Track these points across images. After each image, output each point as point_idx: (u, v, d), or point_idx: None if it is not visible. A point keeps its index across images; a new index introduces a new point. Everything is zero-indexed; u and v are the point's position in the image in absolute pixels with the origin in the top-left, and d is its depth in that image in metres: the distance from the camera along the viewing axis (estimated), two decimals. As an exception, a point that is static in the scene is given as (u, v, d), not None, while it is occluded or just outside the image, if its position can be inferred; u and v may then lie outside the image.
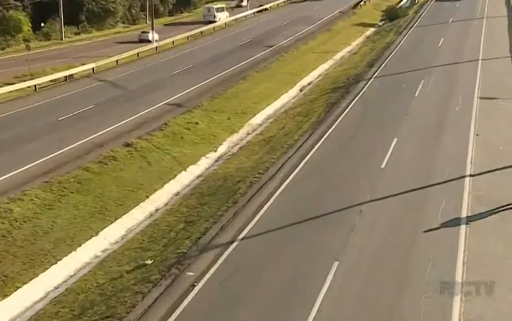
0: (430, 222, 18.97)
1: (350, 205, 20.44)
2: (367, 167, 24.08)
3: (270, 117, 34.47)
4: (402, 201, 20.85)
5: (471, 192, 21.32)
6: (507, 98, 33.85)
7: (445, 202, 20.38)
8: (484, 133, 27.87)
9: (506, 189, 21.24)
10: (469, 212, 19.74)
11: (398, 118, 30.60)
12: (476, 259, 16.75)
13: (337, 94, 36.44)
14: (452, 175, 22.85)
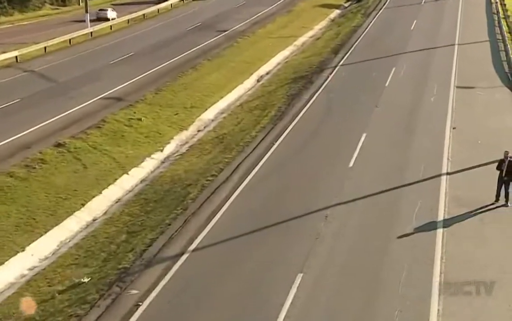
0: (404, 226, 19.34)
1: (314, 210, 20.63)
2: (333, 166, 24.37)
3: (224, 111, 34.46)
4: (372, 203, 21.19)
5: (448, 192, 21.86)
6: (486, 87, 35.00)
7: (420, 203, 20.83)
8: (461, 126, 28.60)
9: (486, 188, 21.84)
10: (446, 214, 20.24)
11: (367, 110, 31.10)
12: (455, 267, 17.19)
13: (299, 85, 36.76)
14: (427, 173, 23.37)
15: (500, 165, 20.84)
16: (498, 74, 37.17)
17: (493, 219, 19.95)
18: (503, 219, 19.95)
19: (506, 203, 20.67)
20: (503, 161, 20.81)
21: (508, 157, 20.73)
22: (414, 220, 19.72)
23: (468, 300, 15.85)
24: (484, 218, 20.02)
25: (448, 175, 23.37)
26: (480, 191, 21.87)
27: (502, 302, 15.76)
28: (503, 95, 33.56)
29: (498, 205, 20.69)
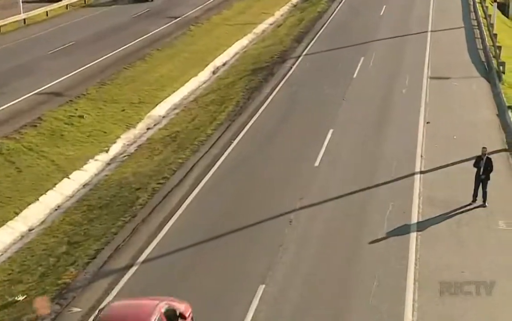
0: (375, 231, 19.58)
1: (277, 214, 20.73)
2: (298, 165, 24.49)
3: (176, 107, 34.29)
4: (340, 206, 21.39)
5: (422, 192, 22.21)
6: (461, 77, 35.70)
7: (392, 205, 21.12)
8: (436, 120, 29.08)
9: (462, 187, 22.30)
10: (420, 216, 20.58)
11: (333, 105, 31.34)
12: (430, 274, 17.46)
13: (259, 77, 36.84)
14: (399, 172, 23.69)
15: (477, 162, 21.29)
16: (474, 64, 37.95)
17: (470, 220, 20.37)
18: (481, 220, 20.39)
19: (484, 203, 21.12)
20: (480, 157, 21.26)
21: (485, 154, 21.21)
22: (386, 224, 19.98)
23: (444, 309, 16.11)
24: (460, 220, 20.41)
25: (422, 173, 23.72)
26: (456, 190, 22.29)
27: (481, 309, 16.09)
28: (480, 86, 34.28)
29: (475, 206, 21.13)
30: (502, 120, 29.13)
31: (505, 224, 20.14)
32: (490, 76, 35.41)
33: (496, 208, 21.10)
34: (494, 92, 33.05)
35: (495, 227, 20.00)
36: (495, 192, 21.75)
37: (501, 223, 20.23)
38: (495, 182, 21.86)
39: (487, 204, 21.10)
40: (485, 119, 29.53)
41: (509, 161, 24.95)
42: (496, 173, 22.05)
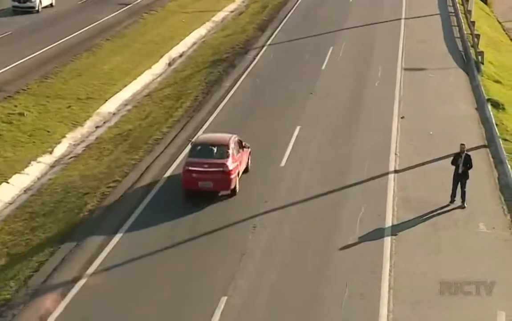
0: (346, 236, 19.67)
1: (240, 219, 20.69)
2: (262, 166, 24.48)
3: (128, 103, 34.00)
4: (309, 210, 21.45)
5: (396, 193, 22.42)
6: (438, 68, 36.19)
7: (365, 208, 21.26)
8: (411, 115, 29.38)
9: (439, 187, 22.56)
10: (395, 220, 20.77)
11: (301, 99, 31.45)
12: (405, 281, 17.60)
13: (219, 70, 36.76)
14: (372, 172, 23.86)
15: (456, 159, 21.55)
16: (451, 53, 38.50)
17: (448, 223, 20.61)
18: (460, 223, 20.65)
19: (463, 204, 21.38)
20: (459, 155, 21.52)
21: (464, 151, 21.49)
22: (358, 228, 20.10)
23: (421, 319, 16.24)
24: (438, 223, 20.64)
25: (396, 173, 23.94)
26: (433, 191, 22.54)
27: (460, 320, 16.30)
28: (458, 78, 34.79)
29: (453, 207, 21.39)
30: (481, 114, 29.58)
31: (486, 226, 20.42)
32: (468, 67, 35.96)
33: (476, 209, 21.39)
34: (473, 84, 33.56)
35: (475, 230, 20.27)
36: (475, 192, 22.05)
37: (482, 225, 20.50)
38: (474, 181, 22.17)
39: (466, 205, 21.35)
40: (463, 114, 29.96)
41: (489, 158, 25.35)
42: (475, 171, 22.35)
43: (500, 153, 25.09)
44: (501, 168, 24.14)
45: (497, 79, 35.74)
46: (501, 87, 34.85)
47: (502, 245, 19.51)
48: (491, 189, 22.97)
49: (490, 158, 25.30)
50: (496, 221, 20.79)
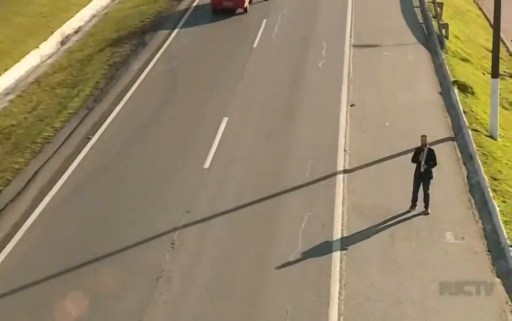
0: (286, 252, 19.56)
1: (154, 235, 20.48)
2: (182, 169, 24.38)
3: (10, 92, 33.27)
4: (240, 221, 21.34)
5: (346, 198, 22.48)
6: (394, 44, 36.55)
7: (308, 217, 21.25)
8: (362, 102, 29.59)
9: (397, 190, 22.71)
10: (345, 231, 20.76)
11: (228, 84, 31.41)
12: (358, 308, 17.60)
13: (126, 49, 36.49)
14: (316, 173, 23.88)
15: (417, 155, 21.64)
16: (410, 27, 38.89)
17: (409, 233, 20.68)
18: (422, 233, 20.74)
19: (426, 209, 21.53)
20: (420, 149, 21.63)
21: (426, 145, 21.60)
22: (300, 242, 20.04)
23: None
24: (395, 234, 20.68)
25: (346, 173, 24.03)
26: (390, 194, 22.68)
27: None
28: (418, 56, 35.17)
29: (415, 213, 21.51)
30: (447, 99, 29.96)
31: (454, 236, 20.56)
32: (430, 43, 36.39)
33: (442, 215, 21.57)
34: (436, 63, 33.96)
35: (441, 240, 20.38)
36: (440, 194, 22.27)
37: (449, 234, 20.64)
38: (439, 181, 22.38)
39: (430, 211, 21.52)
40: (425, 99, 30.27)
41: (456, 152, 25.68)
42: (440, 168, 22.57)
43: (469, 147, 25.38)
44: (471, 165, 24.42)
45: (465, 56, 36.29)
46: (469, 66, 35.39)
47: (473, 259, 19.67)
48: (459, 190, 23.21)
49: (457, 153, 25.60)
50: (465, 229, 20.95)
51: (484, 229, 20.89)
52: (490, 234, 20.57)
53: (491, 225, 20.92)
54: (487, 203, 21.97)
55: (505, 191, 23.05)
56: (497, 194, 22.53)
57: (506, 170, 24.74)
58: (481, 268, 19.21)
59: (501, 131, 27.93)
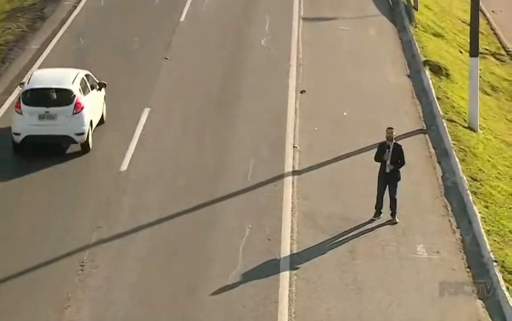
0: (223, 274, 19.49)
1: (60, 255, 20.25)
2: (94, 171, 24.35)
3: None
4: (165, 236, 21.21)
5: (296, 206, 22.49)
6: (353, 17, 36.82)
7: (250, 229, 21.23)
8: (315, 88, 29.75)
9: (357, 195, 22.84)
10: (295, 246, 20.72)
11: (150, 67, 31.42)
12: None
13: (22, 24, 36.08)
14: (259, 175, 23.91)
15: (381, 152, 21.65)
16: (372, -5, 39.22)
17: (372, 248, 20.74)
18: (389, 246, 20.81)
19: (393, 217, 21.65)
20: (385, 145, 21.64)
21: (393, 139, 21.65)
22: (240, 260, 19.98)
23: None
24: (356, 248, 20.71)
25: (296, 174, 24.10)
26: (349, 200, 22.77)
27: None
28: (382, 31, 35.52)
29: (379, 223, 21.62)
30: (416, 84, 30.27)
31: (427, 250, 20.70)
32: (395, 16, 36.63)
33: (412, 224, 21.73)
34: (403, 39, 34.24)
35: (411, 255, 20.50)
36: (410, 199, 22.48)
37: (420, 248, 20.78)
38: (409, 183, 22.57)
39: (397, 220, 21.65)
40: (391, 84, 30.52)
41: (429, 148, 25.98)
42: (410, 168, 22.76)
43: (444, 141, 25.64)
44: (446, 163, 24.67)
45: (437, 31, 36.64)
46: (443, 43, 35.75)
47: (450, 277, 19.79)
48: (432, 194, 23.41)
49: (430, 149, 25.86)
50: (441, 241, 21.12)
51: (463, 241, 21.08)
52: (470, 247, 20.76)
53: (471, 235, 21.15)
54: (466, 208, 22.24)
55: (488, 193, 23.33)
56: (478, 197, 22.79)
57: (489, 168, 25.03)
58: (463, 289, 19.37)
59: (482, 121, 28.25)
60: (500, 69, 36.06)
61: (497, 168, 25.47)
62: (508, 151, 27.44)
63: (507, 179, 24.99)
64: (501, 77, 35.14)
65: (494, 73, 35.21)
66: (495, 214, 22.26)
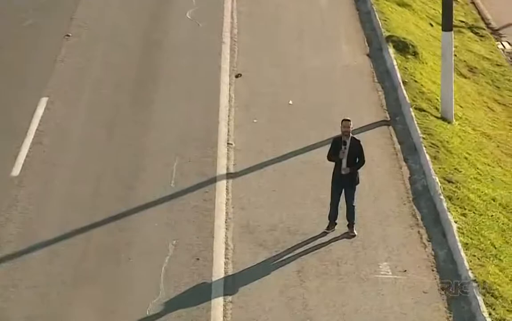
0: (140, 303, 19.44)
1: None
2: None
3: None
4: (65, 257, 21.13)
5: (231, 216, 22.61)
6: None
7: (175, 245, 21.28)
8: (253, 71, 30.04)
9: (306, 202, 22.95)
10: (230, 265, 20.78)
11: (47, 47, 31.47)
12: None
13: None
14: (185, 179, 24.01)
15: (336, 150, 21.61)
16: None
17: (325, 268, 20.74)
18: (345, 266, 20.81)
19: (351, 229, 21.72)
20: (340, 141, 21.63)
21: (349, 134, 21.64)
22: (163, 286, 19.96)
23: None
24: (305, 267, 20.72)
25: (231, 178, 24.22)
26: (297, 208, 22.83)
27: None
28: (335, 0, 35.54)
29: (334, 237, 21.66)
30: (378, 64, 30.52)
31: (392, 268, 20.78)
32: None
33: (374, 237, 21.82)
34: (361, 10, 34.49)
35: (373, 276, 20.55)
36: (372, 207, 22.68)
37: (384, 266, 20.86)
38: (370, 187, 22.84)
39: (356, 232, 21.74)
40: (347, 65, 30.66)
41: (393, 143, 26.14)
42: (371, 168, 23.01)
43: (412, 135, 25.81)
44: (415, 161, 24.89)
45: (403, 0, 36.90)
46: (409, 14, 36.00)
47: (420, 301, 19.93)
48: (398, 200, 23.51)
49: (395, 144, 26.02)
50: (408, 257, 21.19)
51: (436, 257, 21.19)
52: (445, 264, 20.89)
53: (446, 250, 21.30)
54: (439, 217, 22.41)
55: (465, 198, 23.46)
56: (453, 203, 22.92)
57: (466, 168, 25.18)
58: (432, 315, 19.49)
59: (457, 110, 28.44)
60: (479, 46, 36.33)
61: (476, 166, 25.61)
62: (490, 146, 27.63)
63: (488, 180, 25.14)
64: (481, 56, 35.38)
65: (472, 51, 35.46)
66: (475, 224, 22.36)
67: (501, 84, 33.21)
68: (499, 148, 27.73)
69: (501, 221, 23.02)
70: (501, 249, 21.62)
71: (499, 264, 20.94)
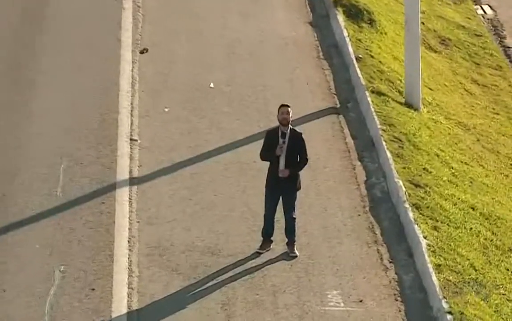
0: None
1: None
2: None
3: None
4: None
5: (136, 234, 22.59)
6: None
7: (63, 273, 21.13)
8: (163, 44, 30.28)
9: (231, 214, 23.08)
10: (135, 297, 20.68)
11: None
12: None
13: None
14: (75, 187, 24.00)
15: (270, 145, 21.65)
16: None
17: (258, 299, 20.79)
18: (283, 296, 20.85)
19: (291, 248, 21.79)
20: (277, 133, 21.64)
21: (289, 124, 21.59)
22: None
23: None
24: (231, 300, 20.72)
25: (134, 184, 24.30)
26: (220, 222, 22.92)
27: None
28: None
29: (269, 258, 21.70)
30: (324, 36, 30.61)
31: (343, 298, 20.88)
32: None
33: (321, 258, 21.95)
34: (302, -35, 34.56)
35: (320, 308, 20.63)
36: (318, 220, 22.78)
37: (334, 295, 20.96)
38: (314, 194, 23.03)
39: (297, 251, 21.78)
40: (284, 37, 30.74)
41: (344, 137, 26.39)
42: (316, 169, 23.02)
43: (368, 126, 25.93)
44: (373, 160, 25.11)
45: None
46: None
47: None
48: (351, 209, 23.69)
49: (347, 138, 26.21)
50: (365, 283, 21.35)
51: (400, 283, 21.36)
52: (411, 292, 21.06)
53: (413, 273, 21.47)
54: (404, 231, 22.58)
55: (437, 207, 23.64)
56: (422, 213, 23.11)
57: (438, 167, 25.36)
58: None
59: (426, 93, 28.63)
60: (453, 12, 36.69)
61: (451, 166, 25.81)
62: (467, 139, 27.85)
63: (466, 183, 25.34)
64: (455, 24, 35.74)
65: (444, 18, 35.79)
66: (449, 239, 22.55)
67: (480, 59, 33.56)
68: (479, 142, 27.96)
69: (482, 235, 23.21)
70: (483, 272, 21.75)
71: (480, 290, 21.04)
